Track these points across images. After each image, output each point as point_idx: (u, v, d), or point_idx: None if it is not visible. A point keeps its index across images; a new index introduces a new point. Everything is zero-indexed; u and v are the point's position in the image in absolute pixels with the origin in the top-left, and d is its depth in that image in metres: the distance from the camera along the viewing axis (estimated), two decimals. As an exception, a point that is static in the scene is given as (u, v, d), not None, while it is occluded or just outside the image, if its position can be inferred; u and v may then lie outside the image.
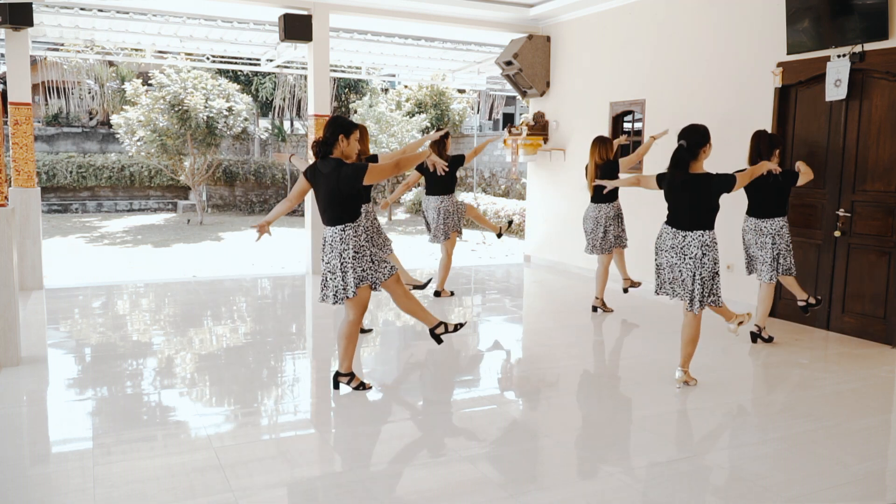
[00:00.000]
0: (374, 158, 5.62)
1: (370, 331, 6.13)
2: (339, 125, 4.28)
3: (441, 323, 4.71)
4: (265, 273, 9.96)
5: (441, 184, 7.09)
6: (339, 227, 4.28)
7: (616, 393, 4.68)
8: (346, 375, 4.56)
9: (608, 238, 6.64)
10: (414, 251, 12.72)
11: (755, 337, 5.78)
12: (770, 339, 5.82)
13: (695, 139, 4.51)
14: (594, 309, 6.94)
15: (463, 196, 17.67)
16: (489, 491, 3.27)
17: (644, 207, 7.70)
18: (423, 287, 6.67)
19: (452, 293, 7.67)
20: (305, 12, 8.20)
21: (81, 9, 8.86)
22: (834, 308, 6.21)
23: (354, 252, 4.27)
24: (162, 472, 3.39)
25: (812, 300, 5.78)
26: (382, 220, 18.17)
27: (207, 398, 4.54)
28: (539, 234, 9.87)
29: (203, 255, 12.29)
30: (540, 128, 9.51)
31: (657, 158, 7.85)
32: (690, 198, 4.54)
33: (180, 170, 16.99)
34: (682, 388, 4.69)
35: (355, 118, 18.36)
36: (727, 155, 6.33)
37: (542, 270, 9.48)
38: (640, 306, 7.24)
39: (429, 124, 19.05)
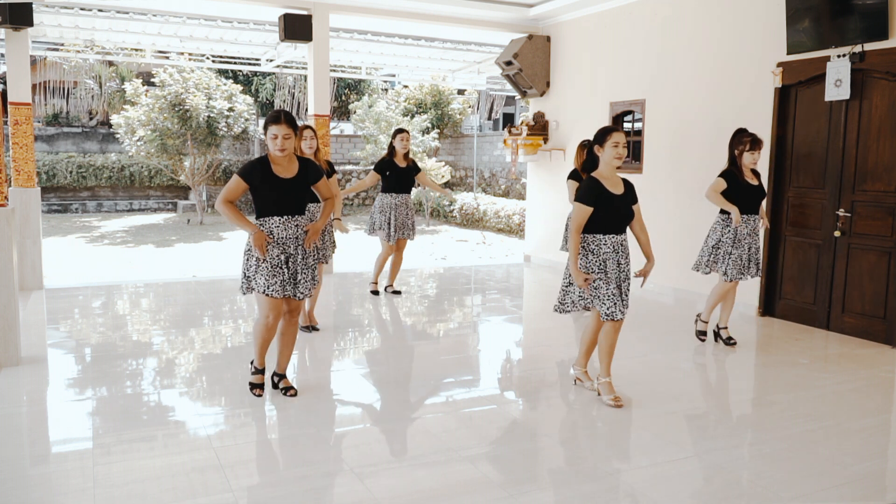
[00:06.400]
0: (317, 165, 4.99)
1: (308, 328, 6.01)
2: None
3: (257, 386, 4.46)
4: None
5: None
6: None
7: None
8: (275, 375, 4.55)
9: None
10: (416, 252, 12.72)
11: (700, 334, 5.86)
12: (706, 334, 5.85)
13: None
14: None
15: (463, 196, 17.66)
16: (489, 491, 3.27)
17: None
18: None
19: (387, 289, 7.68)
20: (305, 12, 8.20)
21: (81, 9, 8.87)
22: (834, 308, 6.21)
23: (247, 249, 4.21)
24: (162, 472, 3.39)
25: (703, 329, 5.77)
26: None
27: (207, 398, 4.54)
28: (539, 234, 9.87)
29: (203, 255, 12.29)
30: (540, 128, 9.51)
31: (656, 159, 7.85)
32: None
33: (180, 170, 16.97)
34: (598, 392, 4.52)
35: (354, 118, 18.39)
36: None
37: (542, 270, 9.48)
38: (638, 307, 7.24)
39: (429, 124, 19.04)
